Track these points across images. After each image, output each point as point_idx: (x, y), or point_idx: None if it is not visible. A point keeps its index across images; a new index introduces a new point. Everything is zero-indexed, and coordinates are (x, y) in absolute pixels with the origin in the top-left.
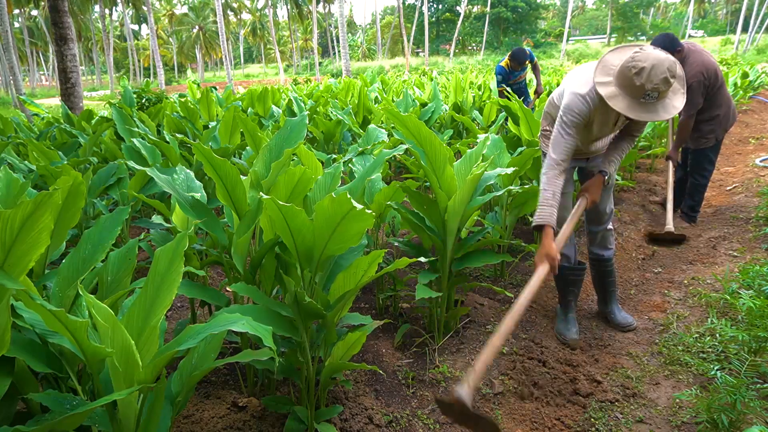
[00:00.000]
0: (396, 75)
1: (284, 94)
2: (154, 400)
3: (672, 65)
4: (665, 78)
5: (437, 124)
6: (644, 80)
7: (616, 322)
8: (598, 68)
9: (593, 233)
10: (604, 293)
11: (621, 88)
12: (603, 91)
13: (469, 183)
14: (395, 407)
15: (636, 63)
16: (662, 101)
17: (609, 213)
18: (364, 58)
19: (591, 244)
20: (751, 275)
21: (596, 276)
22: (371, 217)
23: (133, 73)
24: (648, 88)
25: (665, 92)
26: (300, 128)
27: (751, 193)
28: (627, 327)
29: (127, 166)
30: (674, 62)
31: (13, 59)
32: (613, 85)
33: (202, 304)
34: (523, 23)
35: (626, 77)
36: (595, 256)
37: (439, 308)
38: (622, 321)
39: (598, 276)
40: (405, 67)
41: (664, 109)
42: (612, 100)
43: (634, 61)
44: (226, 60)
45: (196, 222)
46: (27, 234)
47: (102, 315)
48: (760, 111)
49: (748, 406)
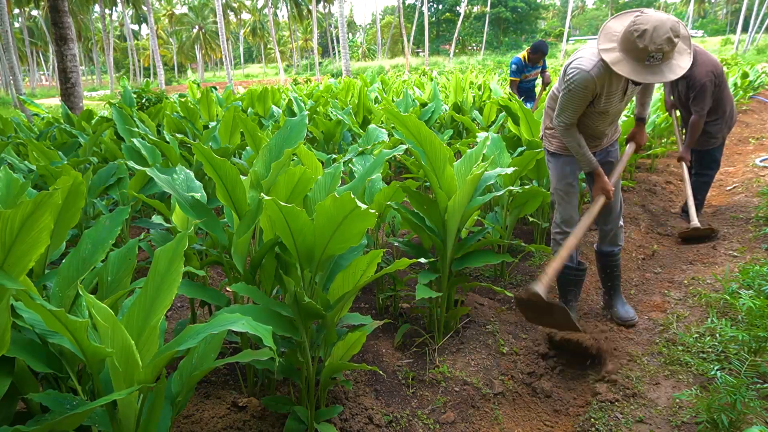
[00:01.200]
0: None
1: (284, 94)
2: (154, 400)
3: (675, 25)
4: (668, 38)
5: (437, 124)
6: (647, 42)
7: (617, 316)
8: (601, 36)
9: (605, 231)
10: (610, 287)
11: (625, 53)
12: (607, 57)
13: (469, 183)
14: (395, 407)
15: (638, 26)
16: (667, 62)
17: (620, 208)
18: (364, 58)
19: (602, 242)
20: (751, 275)
21: (602, 268)
22: (374, 217)
23: (133, 73)
24: (651, 49)
25: (669, 53)
26: (300, 128)
27: (751, 193)
28: (628, 322)
29: (127, 166)
30: (677, 22)
31: (13, 59)
32: (617, 50)
33: (202, 304)
34: (523, 23)
35: (629, 41)
36: (603, 250)
37: (439, 308)
38: (624, 315)
39: (604, 269)
40: (405, 67)
41: (669, 69)
42: (617, 65)
43: (635, 25)
44: (226, 60)
45: (196, 222)
46: (27, 234)
47: (102, 315)
48: (760, 111)
49: (748, 406)
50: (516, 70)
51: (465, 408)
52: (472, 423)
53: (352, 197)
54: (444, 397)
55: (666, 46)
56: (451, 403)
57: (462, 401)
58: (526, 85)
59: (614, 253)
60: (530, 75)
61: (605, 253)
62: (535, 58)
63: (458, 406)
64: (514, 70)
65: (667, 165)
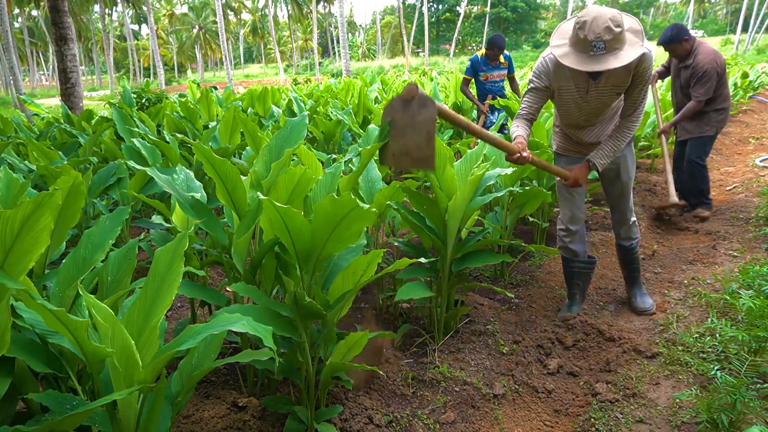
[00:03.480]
0: (396, 75)
1: (284, 94)
2: (154, 400)
3: (615, 16)
4: (607, 27)
5: (437, 124)
6: (587, 31)
7: (634, 305)
8: (555, 35)
9: (619, 229)
10: (628, 277)
11: (572, 46)
12: (557, 51)
13: (470, 184)
14: (395, 407)
15: (580, 18)
16: (613, 52)
17: (630, 211)
18: (364, 58)
19: (618, 238)
20: (751, 275)
21: (621, 261)
22: (374, 215)
23: (133, 73)
24: (591, 38)
25: (613, 42)
26: (300, 128)
27: (751, 193)
28: (643, 311)
29: (127, 166)
30: (618, 14)
31: (13, 59)
32: (566, 45)
33: (202, 304)
34: (523, 23)
35: (573, 34)
36: (621, 245)
37: (439, 308)
38: (641, 305)
39: (623, 261)
40: (405, 67)
41: (616, 58)
42: (564, 59)
43: (578, 18)
44: (226, 60)
45: (196, 222)
46: (27, 234)
47: (102, 315)
48: (760, 111)
49: (748, 406)
50: (470, 68)
51: (465, 408)
52: (472, 423)
53: (352, 197)
54: (444, 397)
55: (605, 35)
56: (451, 403)
57: (462, 401)
58: (490, 89)
59: (632, 246)
60: (492, 75)
61: (622, 247)
62: (492, 54)
63: (458, 406)
64: (468, 67)
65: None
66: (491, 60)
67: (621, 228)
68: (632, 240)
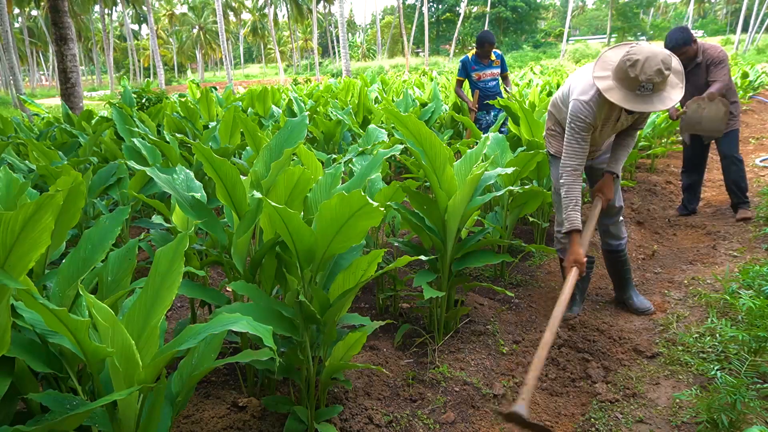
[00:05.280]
0: (396, 75)
1: (284, 94)
2: (154, 400)
3: (666, 58)
4: (659, 69)
5: (437, 124)
6: (638, 72)
7: (634, 308)
8: (597, 64)
9: (606, 225)
10: (621, 281)
11: (617, 81)
12: (600, 84)
13: (469, 183)
14: (395, 407)
15: (631, 56)
16: (659, 94)
17: (619, 207)
18: (363, 58)
19: (604, 236)
20: (751, 275)
21: (611, 265)
22: (381, 214)
23: (133, 73)
24: (642, 79)
25: (660, 84)
26: (300, 128)
27: (751, 193)
28: (645, 311)
29: (127, 166)
30: (669, 56)
31: (13, 59)
32: (611, 79)
33: (202, 304)
34: (523, 23)
35: (622, 70)
36: (609, 246)
37: (439, 308)
38: (640, 306)
39: (613, 265)
40: (405, 67)
41: (660, 100)
42: (608, 93)
43: (629, 55)
44: (226, 60)
45: (196, 222)
46: (28, 235)
47: (102, 315)
48: (760, 111)
49: (748, 406)
50: (461, 69)
51: (465, 408)
52: (472, 423)
53: (362, 194)
54: (444, 397)
55: (656, 78)
56: (451, 403)
57: (462, 401)
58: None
59: (621, 247)
60: (484, 74)
61: (611, 250)
62: (483, 52)
63: (458, 406)
64: (459, 68)
65: (667, 165)
66: (482, 58)
67: (609, 220)
68: (620, 240)
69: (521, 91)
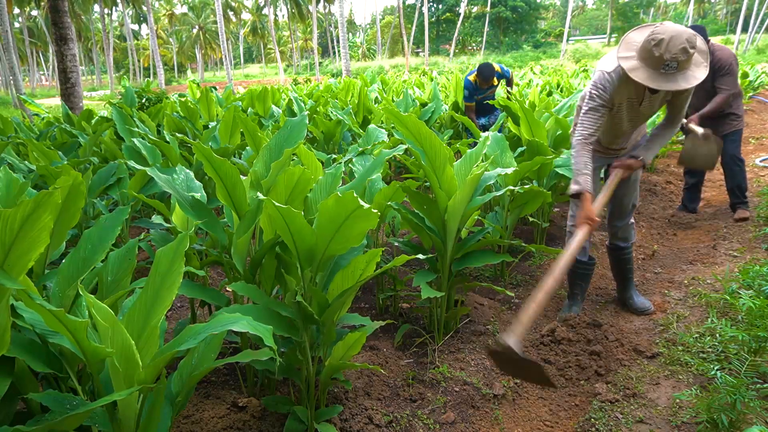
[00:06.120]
0: (396, 75)
1: (284, 94)
2: (154, 400)
3: (691, 37)
4: (683, 48)
5: (437, 124)
6: (663, 50)
7: (634, 307)
8: (622, 45)
9: (615, 227)
10: (623, 279)
11: (642, 61)
12: (625, 64)
13: (469, 183)
14: (395, 407)
15: (655, 35)
16: (683, 72)
17: (632, 207)
18: (363, 58)
19: (612, 237)
20: (751, 275)
21: (614, 263)
22: (376, 217)
23: (133, 73)
24: (666, 58)
25: (685, 63)
26: (300, 128)
27: (751, 193)
28: (645, 311)
29: (127, 166)
30: (693, 35)
31: (13, 59)
32: (635, 59)
33: (202, 304)
34: (523, 23)
35: (646, 50)
36: (615, 245)
37: (439, 308)
38: (640, 305)
39: (617, 263)
40: (405, 67)
41: (684, 79)
42: (633, 72)
43: (653, 34)
44: (226, 60)
45: (196, 222)
46: (27, 233)
47: (102, 315)
48: (760, 111)
49: (748, 406)
50: (468, 96)
51: (465, 408)
52: (472, 423)
53: (354, 196)
54: (444, 397)
55: (681, 56)
56: (451, 403)
57: (462, 401)
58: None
59: (627, 247)
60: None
61: (617, 248)
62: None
63: (458, 406)
64: (467, 96)
65: (667, 165)
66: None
67: (619, 222)
68: (628, 241)
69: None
